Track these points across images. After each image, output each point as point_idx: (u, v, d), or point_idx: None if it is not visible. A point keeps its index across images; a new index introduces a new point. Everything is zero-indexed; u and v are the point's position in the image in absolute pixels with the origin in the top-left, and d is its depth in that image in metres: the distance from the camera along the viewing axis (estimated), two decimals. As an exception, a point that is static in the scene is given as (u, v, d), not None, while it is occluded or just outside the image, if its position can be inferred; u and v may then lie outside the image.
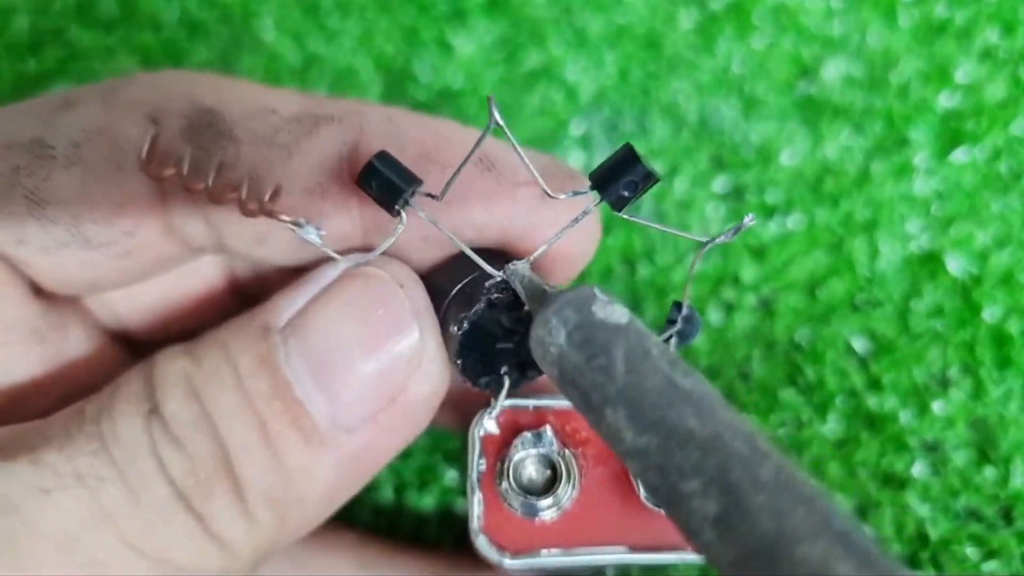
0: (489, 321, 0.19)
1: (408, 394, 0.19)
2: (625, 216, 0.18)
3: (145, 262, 0.21)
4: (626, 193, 0.17)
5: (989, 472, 0.30)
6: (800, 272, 0.33)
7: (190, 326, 0.22)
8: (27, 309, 0.21)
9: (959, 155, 0.34)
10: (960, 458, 0.30)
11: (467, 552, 0.28)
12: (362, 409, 0.18)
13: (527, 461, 0.20)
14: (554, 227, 0.19)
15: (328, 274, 0.19)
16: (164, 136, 0.19)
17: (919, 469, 0.30)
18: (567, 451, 0.20)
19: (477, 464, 0.20)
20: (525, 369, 0.20)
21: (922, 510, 0.30)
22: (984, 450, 0.30)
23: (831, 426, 0.31)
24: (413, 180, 0.18)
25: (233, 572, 0.19)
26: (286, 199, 0.19)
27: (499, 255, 0.20)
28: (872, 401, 0.31)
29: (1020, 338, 0.31)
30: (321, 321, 0.18)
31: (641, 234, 0.34)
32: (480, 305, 0.19)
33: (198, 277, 0.23)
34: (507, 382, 0.20)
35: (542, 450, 0.20)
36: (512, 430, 0.20)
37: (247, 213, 0.18)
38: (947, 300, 0.32)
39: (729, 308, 0.33)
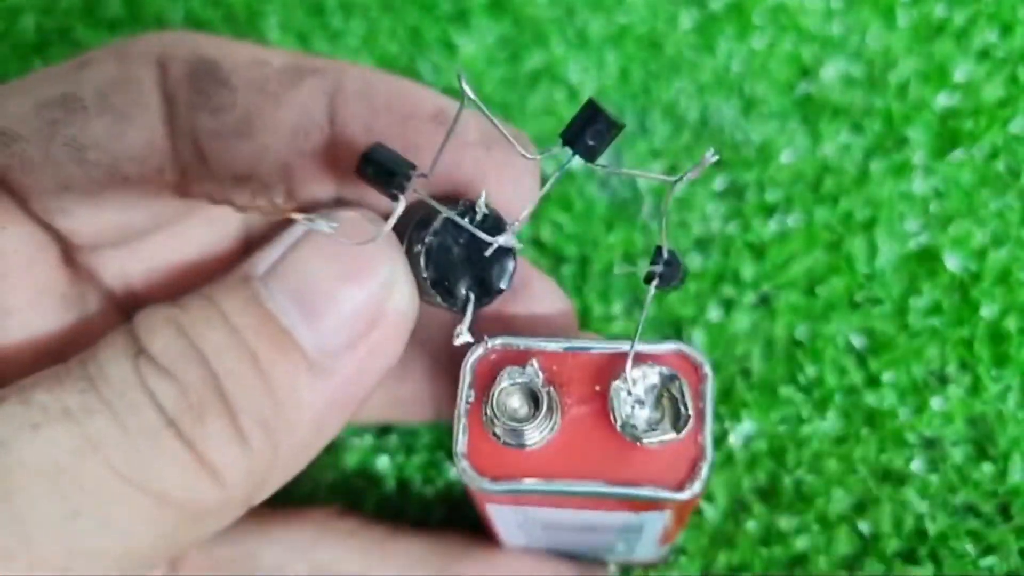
0: (446, 243, 0.21)
1: (385, 317, 0.20)
2: (598, 167, 0.19)
3: (168, 205, 0.22)
4: (592, 143, 0.18)
5: (987, 468, 0.30)
6: (800, 270, 0.33)
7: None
8: (59, 275, 0.22)
9: (957, 154, 0.34)
10: (958, 454, 0.30)
11: (468, 534, 0.29)
12: (346, 335, 0.20)
13: (511, 391, 0.21)
14: (496, 175, 0.22)
15: (299, 228, 0.21)
16: (169, 80, 0.21)
17: (917, 465, 0.30)
18: (551, 388, 0.21)
19: (466, 395, 0.21)
20: (485, 287, 0.22)
21: (920, 506, 0.30)
22: (982, 446, 0.30)
23: (830, 422, 0.31)
24: (406, 164, 0.20)
25: (226, 507, 0.19)
26: (272, 141, 0.22)
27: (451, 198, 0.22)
28: (871, 398, 0.31)
29: (1018, 335, 0.31)
30: (299, 262, 0.20)
31: (642, 232, 0.34)
32: (437, 223, 0.21)
33: (213, 239, 0.25)
34: (472, 297, 0.22)
35: (526, 380, 0.21)
36: (500, 366, 0.21)
37: (266, 215, 0.21)
38: (945, 297, 0.32)
39: (729, 305, 0.33)
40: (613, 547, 0.28)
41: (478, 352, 0.22)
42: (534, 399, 0.21)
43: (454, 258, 0.21)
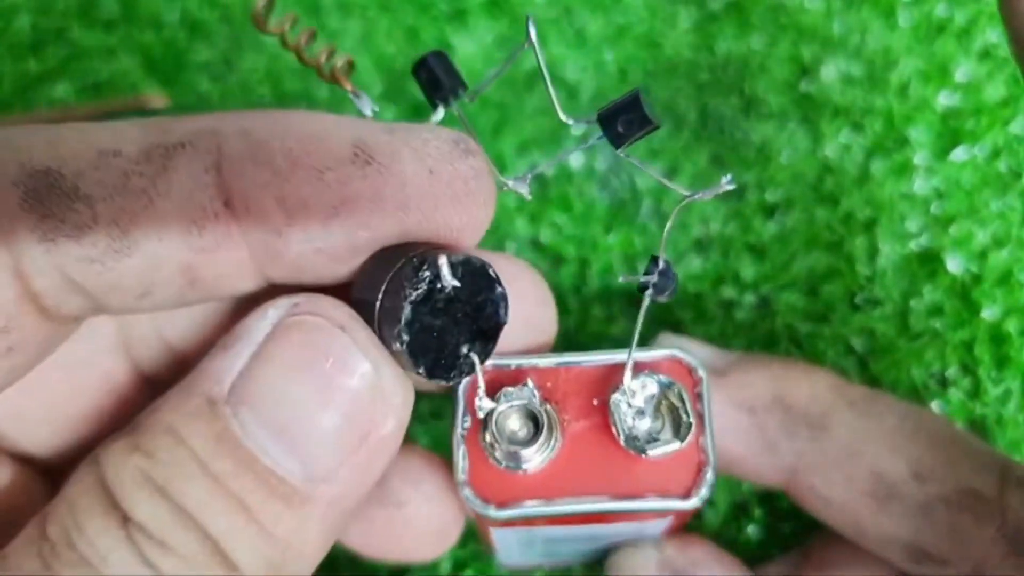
0: (424, 315, 0.18)
1: (376, 431, 0.18)
2: (621, 154, 0.18)
3: (26, 352, 0.19)
4: (621, 130, 0.18)
5: (988, 470, 0.30)
6: (800, 270, 0.33)
7: (98, 436, 0.21)
8: None
9: (959, 154, 0.34)
10: (959, 457, 0.30)
11: None
12: (334, 458, 0.18)
13: (509, 413, 0.21)
14: (449, 204, 0.18)
15: (258, 328, 0.18)
16: (4, 208, 0.17)
17: (918, 468, 0.30)
18: (548, 405, 0.21)
19: (462, 421, 0.21)
20: (483, 338, 0.19)
21: (921, 508, 0.30)
22: (983, 449, 0.30)
23: (830, 425, 0.31)
24: (458, 82, 0.19)
25: None
26: (159, 244, 0.18)
27: (406, 246, 0.19)
28: (871, 400, 0.31)
29: (1018, 337, 0.31)
30: (269, 383, 0.18)
31: (642, 233, 0.34)
32: (406, 311, 0.18)
33: (97, 376, 0.22)
34: (476, 360, 0.19)
35: (523, 402, 0.21)
36: (495, 388, 0.21)
37: (322, 78, 0.19)
38: (946, 299, 0.32)
39: (729, 306, 0.33)
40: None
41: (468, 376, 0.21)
42: (533, 419, 0.21)
43: (441, 329, 0.19)
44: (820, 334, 0.32)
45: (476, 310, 0.19)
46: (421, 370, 0.18)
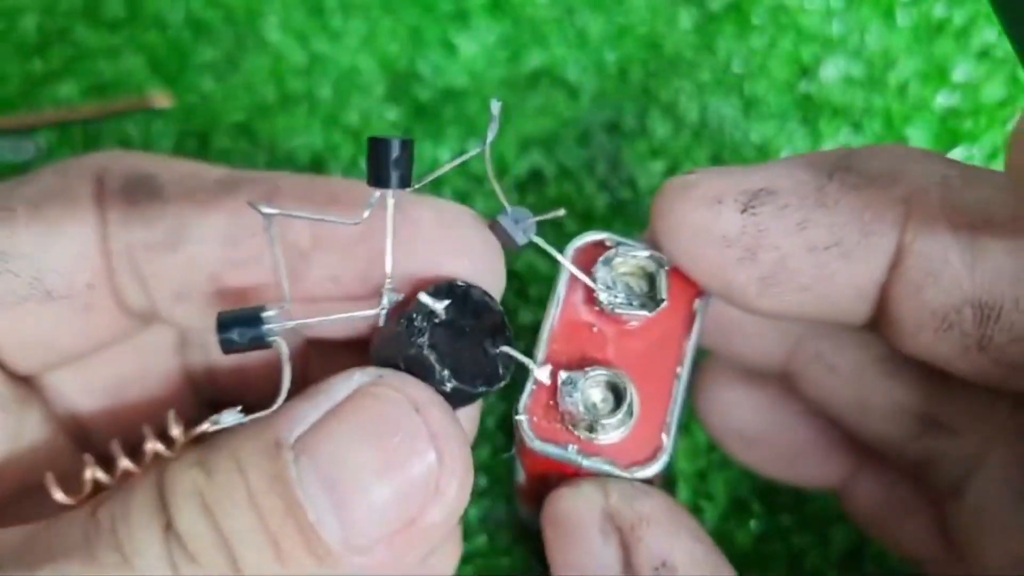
0: (445, 349, 0.20)
1: (424, 518, 0.19)
2: (416, 187, 0.19)
3: (101, 323, 0.22)
4: (388, 173, 0.19)
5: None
6: (799, 270, 0.33)
7: (141, 420, 0.22)
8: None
9: (957, 154, 0.34)
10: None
11: None
12: (376, 531, 0.18)
13: (593, 387, 0.22)
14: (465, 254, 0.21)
15: (340, 388, 0.19)
16: (105, 191, 0.22)
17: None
18: (598, 368, 0.22)
19: (572, 453, 0.21)
20: (494, 332, 0.21)
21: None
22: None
23: (829, 422, 0.31)
24: (258, 308, 0.20)
25: None
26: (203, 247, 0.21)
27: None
28: (870, 397, 0.31)
29: (1017, 335, 0.31)
30: (334, 442, 0.18)
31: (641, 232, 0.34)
32: (431, 356, 0.19)
33: (152, 368, 0.25)
34: (508, 350, 0.21)
35: (603, 379, 0.22)
36: (547, 411, 0.22)
37: None
38: (944, 297, 0.32)
39: (729, 305, 0.33)
40: None
41: (524, 424, 0.21)
42: (613, 390, 0.22)
43: (464, 347, 0.20)
44: (819, 332, 0.32)
45: (472, 312, 0.21)
46: (480, 389, 0.20)
